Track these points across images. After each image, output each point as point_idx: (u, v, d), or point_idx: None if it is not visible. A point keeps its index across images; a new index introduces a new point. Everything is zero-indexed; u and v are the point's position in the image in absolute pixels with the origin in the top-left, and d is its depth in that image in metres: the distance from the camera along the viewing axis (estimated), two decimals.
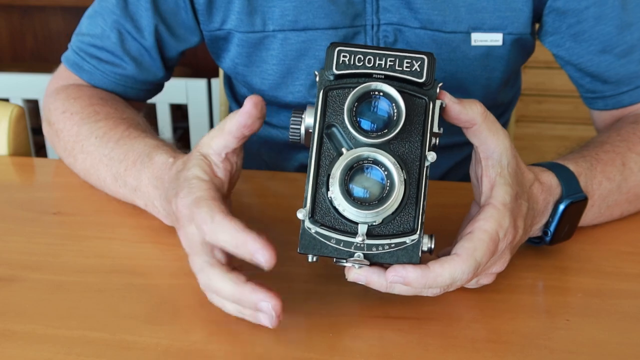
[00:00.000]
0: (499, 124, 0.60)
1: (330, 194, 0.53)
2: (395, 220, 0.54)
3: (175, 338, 0.57)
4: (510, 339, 0.57)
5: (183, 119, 1.80)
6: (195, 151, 0.62)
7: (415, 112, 0.55)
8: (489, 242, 0.56)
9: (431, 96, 0.55)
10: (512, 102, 1.07)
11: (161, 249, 0.70)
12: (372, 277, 0.55)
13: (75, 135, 0.81)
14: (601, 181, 0.71)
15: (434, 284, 0.55)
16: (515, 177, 0.60)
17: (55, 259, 0.68)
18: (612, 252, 0.71)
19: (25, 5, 2.68)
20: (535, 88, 2.31)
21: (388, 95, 0.53)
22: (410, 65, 0.55)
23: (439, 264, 0.55)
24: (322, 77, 0.56)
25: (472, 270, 0.55)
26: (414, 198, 0.54)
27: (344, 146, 0.54)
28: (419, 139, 0.54)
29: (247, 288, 0.54)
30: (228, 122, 0.59)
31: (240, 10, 0.86)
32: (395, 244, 0.54)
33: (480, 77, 0.91)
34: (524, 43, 0.89)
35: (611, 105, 0.89)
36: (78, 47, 0.90)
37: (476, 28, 0.86)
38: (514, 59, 0.91)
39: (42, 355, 0.55)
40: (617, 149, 0.75)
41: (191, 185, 0.59)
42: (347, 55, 0.55)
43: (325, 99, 0.55)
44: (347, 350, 0.56)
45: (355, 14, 0.86)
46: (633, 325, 0.60)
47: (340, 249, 0.54)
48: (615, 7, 0.83)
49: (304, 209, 0.54)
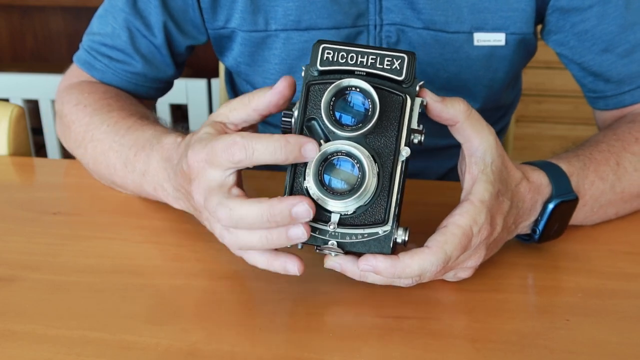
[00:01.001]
0: (483, 122, 0.61)
1: (305, 184, 0.55)
2: (367, 211, 0.56)
3: (175, 338, 0.57)
4: (510, 339, 0.57)
5: (183, 119, 1.80)
6: (209, 120, 0.63)
7: (392, 108, 0.56)
8: (461, 236, 0.57)
9: (410, 93, 0.57)
10: (513, 104, 1.07)
11: (161, 249, 0.70)
12: (347, 265, 0.58)
13: (86, 125, 0.81)
14: (593, 181, 0.71)
15: (403, 274, 0.56)
16: (499, 174, 0.61)
17: (55, 259, 0.68)
18: (612, 252, 0.71)
19: (25, 5, 2.68)
20: (535, 88, 2.31)
21: (364, 90, 0.54)
22: (390, 63, 0.57)
23: (408, 255, 0.56)
24: (307, 72, 0.58)
25: (441, 263, 0.56)
26: (387, 191, 0.56)
27: (323, 138, 0.56)
28: (394, 134, 0.56)
29: (274, 200, 0.55)
30: (255, 98, 0.60)
31: (244, 9, 0.87)
32: (368, 234, 0.56)
33: (484, 77, 0.91)
34: (527, 43, 0.89)
35: (612, 105, 0.89)
36: (89, 47, 0.91)
37: (479, 28, 0.86)
38: (516, 60, 0.91)
39: (42, 355, 0.55)
40: (612, 148, 0.75)
41: (202, 139, 0.60)
42: (331, 52, 0.57)
43: (307, 93, 0.57)
44: (347, 350, 0.56)
45: (358, 14, 0.86)
46: (633, 325, 0.60)
47: (316, 237, 0.56)
48: (619, 6, 0.83)
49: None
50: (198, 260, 0.68)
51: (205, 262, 0.67)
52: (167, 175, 0.68)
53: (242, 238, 0.57)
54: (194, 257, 0.68)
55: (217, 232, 0.60)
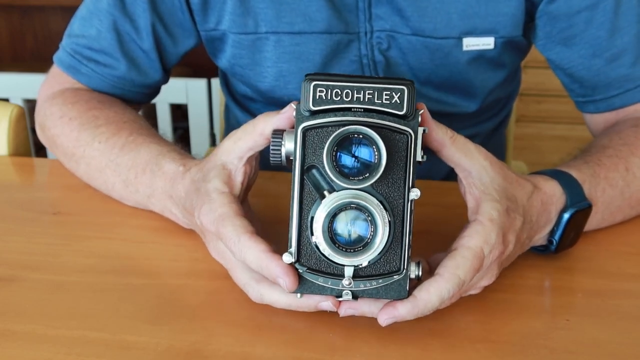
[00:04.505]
0: (471, 145, 0.60)
1: (314, 239, 0.53)
2: (381, 260, 0.54)
3: (175, 338, 0.57)
4: (510, 339, 0.57)
5: (183, 119, 1.80)
6: (215, 159, 0.63)
7: (397, 149, 0.53)
8: (473, 259, 0.56)
9: (413, 127, 0.54)
10: (512, 95, 1.06)
11: (161, 249, 0.70)
12: (363, 308, 0.56)
13: (75, 141, 0.80)
14: (605, 188, 0.70)
15: (425, 311, 0.55)
16: (504, 192, 0.60)
17: (55, 259, 0.68)
18: (612, 252, 0.71)
19: (25, 5, 2.68)
20: (535, 88, 2.31)
21: (368, 137, 0.51)
22: (389, 97, 0.53)
23: (424, 290, 0.55)
24: (298, 112, 0.54)
25: (457, 288, 0.55)
26: (400, 237, 0.54)
27: (326, 188, 0.53)
28: (402, 177, 0.53)
29: (302, 300, 0.56)
30: (260, 123, 0.59)
31: (233, 11, 0.86)
32: (383, 281, 0.54)
33: (475, 79, 0.91)
34: (517, 44, 0.89)
35: (602, 108, 0.88)
36: (73, 50, 0.89)
37: (468, 33, 0.85)
38: (507, 60, 0.91)
39: (42, 355, 0.55)
40: (619, 153, 0.74)
41: (212, 200, 0.60)
42: (324, 89, 0.53)
43: (304, 139, 0.54)
44: (347, 350, 0.56)
45: (349, 20, 0.86)
46: (633, 325, 0.60)
47: (329, 288, 0.54)
48: (607, 11, 0.82)
49: (289, 253, 0.54)
50: (198, 260, 0.68)
51: (205, 262, 0.67)
52: (175, 203, 0.68)
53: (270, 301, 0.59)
54: (194, 257, 0.68)
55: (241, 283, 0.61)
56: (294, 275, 0.54)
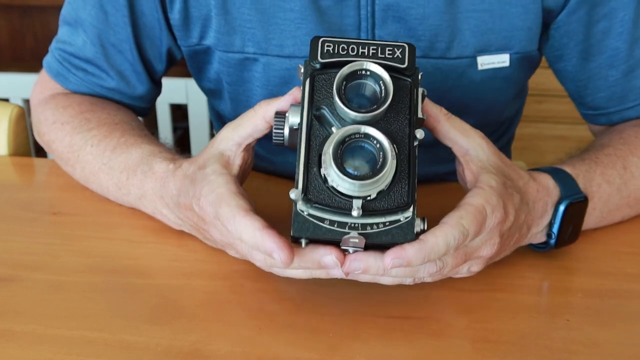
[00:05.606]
0: (467, 125, 0.61)
1: (323, 171, 0.53)
2: (389, 196, 0.53)
3: (175, 338, 0.57)
4: (510, 339, 0.57)
5: (183, 119, 1.80)
6: (212, 149, 0.63)
7: (401, 93, 0.56)
8: (476, 212, 0.56)
9: (414, 81, 0.57)
10: (517, 114, 1.04)
11: (161, 249, 0.70)
12: (369, 261, 0.55)
13: (68, 146, 0.80)
14: (600, 183, 0.70)
15: (432, 255, 0.54)
16: (500, 170, 0.61)
17: (55, 259, 0.68)
18: (612, 252, 0.71)
19: (25, 5, 2.68)
20: (535, 88, 2.31)
21: (375, 74, 0.54)
22: (392, 52, 0.56)
23: (430, 234, 0.55)
24: (307, 66, 0.57)
25: (462, 237, 0.55)
26: (406, 173, 0.54)
27: (334, 125, 0.55)
28: (407, 118, 0.56)
29: (306, 258, 0.56)
30: (262, 107, 0.61)
31: (218, 30, 0.82)
32: (390, 222, 0.53)
33: (486, 98, 0.87)
34: (531, 60, 0.86)
35: (616, 121, 0.86)
36: (61, 56, 0.88)
37: (482, 51, 0.82)
38: (521, 77, 0.88)
39: (42, 355, 0.55)
40: (618, 152, 0.74)
41: (210, 182, 0.60)
42: (331, 45, 0.57)
43: (313, 84, 0.56)
44: (347, 350, 0.56)
45: None
46: (633, 325, 0.60)
47: (335, 230, 0.53)
48: (625, 21, 0.80)
49: (296, 189, 0.53)
50: (198, 260, 0.68)
51: (205, 262, 0.67)
52: (166, 204, 0.68)
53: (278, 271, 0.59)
54: (194, 257, 0.68)
55: (243, 250, 0.60)
56: (289, 249, 0.54)
